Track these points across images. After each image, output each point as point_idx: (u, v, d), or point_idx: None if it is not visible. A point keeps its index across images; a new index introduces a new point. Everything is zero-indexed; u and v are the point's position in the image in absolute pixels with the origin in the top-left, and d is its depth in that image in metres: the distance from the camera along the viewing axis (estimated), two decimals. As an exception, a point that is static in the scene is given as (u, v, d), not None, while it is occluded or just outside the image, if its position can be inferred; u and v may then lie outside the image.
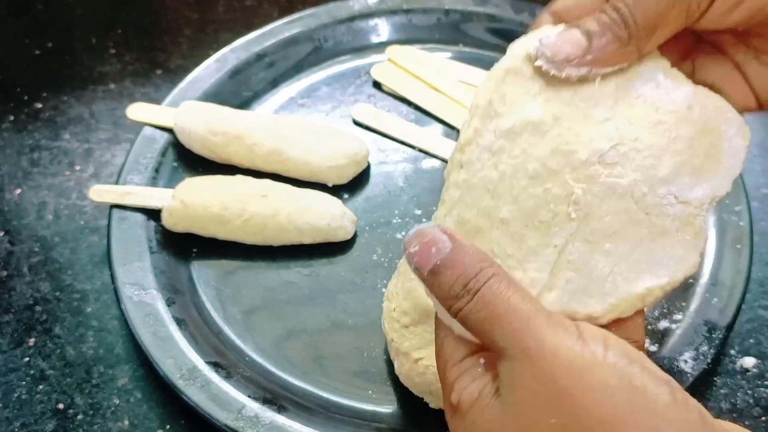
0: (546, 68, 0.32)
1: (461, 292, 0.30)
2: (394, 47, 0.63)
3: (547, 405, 0.27)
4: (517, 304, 0.29)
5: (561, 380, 0.27)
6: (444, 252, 0.30)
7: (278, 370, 0.46)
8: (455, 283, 0.30)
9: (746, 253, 0.47)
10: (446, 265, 0.30)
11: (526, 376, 0.28)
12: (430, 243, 0.31)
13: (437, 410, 0.43)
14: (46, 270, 0.53)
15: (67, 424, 0.45)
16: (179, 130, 0.55)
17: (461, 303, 0.30)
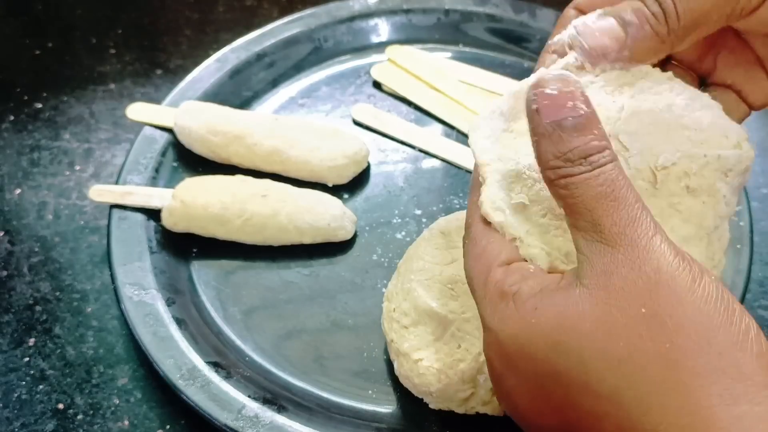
0: (580, 61, 0.32)
1: (580, 160, 0.28)
2: (394, 47, 0.63)
3: (642, 294, 0.26)
4: (632, 198, 0.27)
5: (665, 274, 0.26)
6: (579, 113, 0.28)
7: (278, 370, 0.46)
8: (578, 149, 0.28)
9: (746, 253, 0.47)
10: (577, 127, 0.28)
11: (627, 264, 0.27)
12: (570, 96, 0.28)
13: (437, 410, 0.43)
14: (46, 270, 0.53)
15: (67, 424, 0.45)
16: (179, 130, 0.55)
17: (576, 170, 0.28)
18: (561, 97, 0.28)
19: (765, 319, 0.49)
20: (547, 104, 0.28)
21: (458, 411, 0.42)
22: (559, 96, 0.28)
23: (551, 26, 0.63)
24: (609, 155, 0.28)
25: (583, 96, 0.28)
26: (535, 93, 0.28)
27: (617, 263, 0.27)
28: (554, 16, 0.64)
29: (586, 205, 0.28)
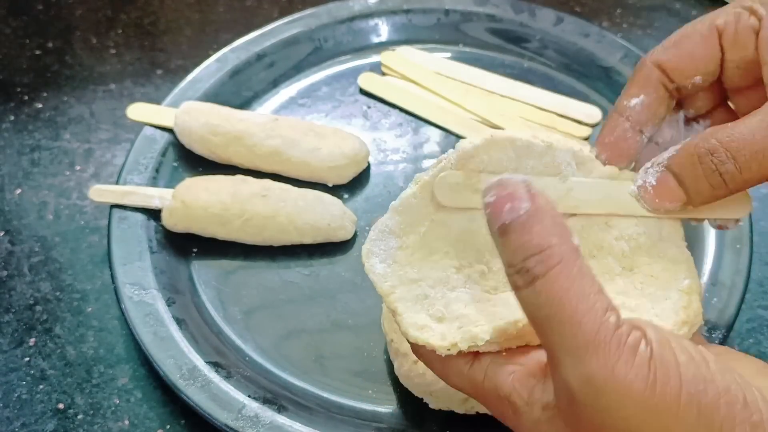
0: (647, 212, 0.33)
1: (522, 267, 0.26)
2: (387, 53, 0.63)
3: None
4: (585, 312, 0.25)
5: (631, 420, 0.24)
6: (518, 212, 0.26)
7: (278, 370, 0.46)
8: (518, 251, 0.26)
9: (746, 253, 0.47)
10: (515, 229, 0.26)
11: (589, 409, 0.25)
12: (507, 198, 0.26)
13: (437, 410, 0.43)
14: (47, 270, 0.53)
15: (67, 424, 0.45)
16: (179, 130, 0.55)
17: (521, 281, 0.26)
18: (498, 203, 0.27)
19: (765, 319, 0.49)
20: (489, 212, 0.27)
21: (458, 411, 0.42)
22: (496, 201, 0.27)
23: (551, 26, 0.64)
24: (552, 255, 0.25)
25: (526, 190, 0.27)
26: (483, 203, 0.28)
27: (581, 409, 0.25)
28: (554, 16, 0.64)
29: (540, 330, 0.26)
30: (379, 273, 0.33)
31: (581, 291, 0.25)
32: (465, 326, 0.32)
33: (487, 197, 0.27)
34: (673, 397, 0.24)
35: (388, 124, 0.60)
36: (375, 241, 0.34)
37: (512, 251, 0.26)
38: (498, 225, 0.27)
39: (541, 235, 0.26)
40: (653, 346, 0.25)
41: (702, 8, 0.70)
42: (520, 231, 0.26)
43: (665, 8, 0.71)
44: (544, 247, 0.25)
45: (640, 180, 0.33)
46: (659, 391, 0.24)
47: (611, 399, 0.24)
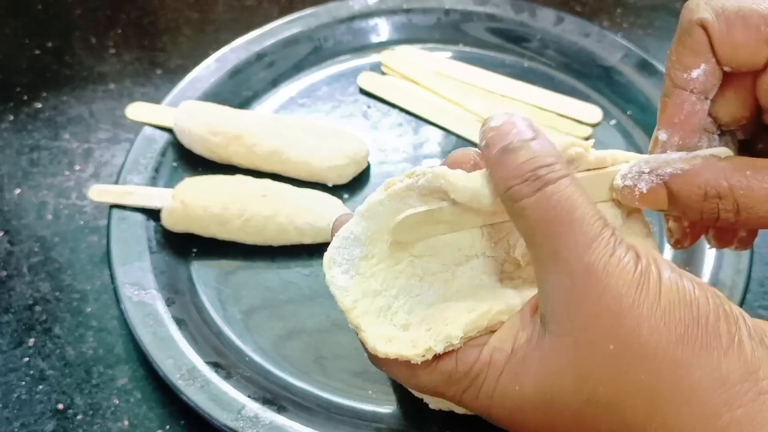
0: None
1: (529, 175, 0.27)
2: (387, 52, 0.63)
3: (608, 330, 0.26)
4: (591, 214, 0.27)
5: (626, 299, 0.26)
6: (525, 137, 0.28)
7: (278, 370, 0.46)
8: (524, 164, 0.27)
9: (747, 253, 0.47)
10: (522, 147, 0.28)
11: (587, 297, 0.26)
12: (513, 124, 0.28)
13: (437, 411, 0.43)
14: (46, 270, 0.53)
15: (66, 424, 0.45)
16: (179, 130, 0.55)
17: (527, 189, 0.27)
18: (505, 127, 0.28)
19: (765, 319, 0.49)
20: (492, 135, 0.29)
21: (458, 411, 0.42)
22: (502, 126, 0.28)
23: (551, 26, 0.64)
24: (560, 169, 0.27)
25: (530, 124, 0.29)
26: (483, 131, 0.29)
27: (578, 298, 0.27)
28: (554, 15, 0.64)
29: (543, 232, 0.27)
30: (341, 286, 0.32)
31: (586, 199, 0.27)
32: (434, 327, 0.31)
33: (493, 122, 0.29)
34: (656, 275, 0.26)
35: (388, 124, 0.60)
36: (338, 249, 0.32)
37: (518, 165, 0.27)
38: (503, 144, 0.28)
39: (550, 153, 0.28)
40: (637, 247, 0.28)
41: (702, 8, 0.70)
42: (528, 149, 0.28)
43: (666, 8, 0.71)
44: (554, 162, 0.27)
45: (629, 180, 0.31)
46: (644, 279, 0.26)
47: (610, 279, 0.26)
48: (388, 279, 0.32)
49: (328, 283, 0.32)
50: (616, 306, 0.26)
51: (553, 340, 0.27)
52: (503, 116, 0.29)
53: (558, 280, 0.27)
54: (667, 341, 0.26)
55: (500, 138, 0.28)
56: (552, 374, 0.28)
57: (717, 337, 0.26)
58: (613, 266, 0.26)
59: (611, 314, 0.26)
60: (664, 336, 0.26)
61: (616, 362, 0.26)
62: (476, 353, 0.29)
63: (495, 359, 0.29)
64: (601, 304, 0.26)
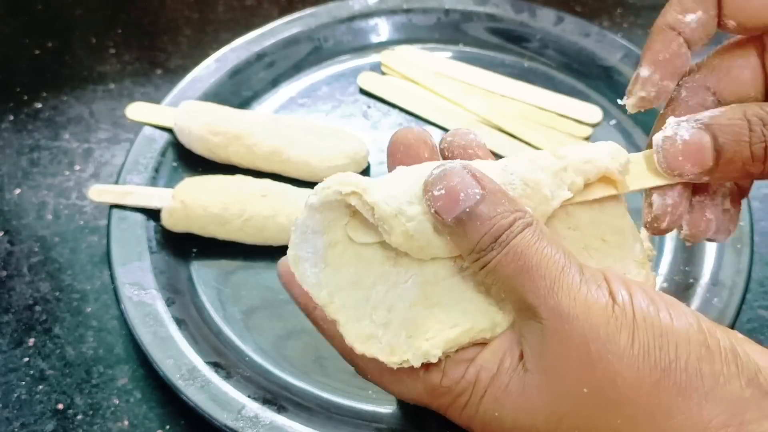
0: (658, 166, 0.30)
1: (491, 245, 0.27)
2: (387, 52, 0.63)
3: (580, 373, 0.26)
4: (551, 256, 0.26)
5: (594, 344, 0.25)
6: (473, 199, 0.27)
7: (278, 370, 0.46)
8: (486, 236, 0.27)
9: (747, 253, 0.47)
10: (476, 216, 0.27)
11: (556, 340, 0.26)
12: (458, 188, 0.27)
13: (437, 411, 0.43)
14: (46, 270, 0.53)
15: (66, 424, 0.45)
16: (179, 130, 0.55)
17: (490, 256, 0.27)
18: (450, 195, 0.27)
19: (765, 319, 0.49)
20: (441, 205, 0.27)
21: (458, 411, 0.42)
22: (447, 194, 0.27)
23: (551, 26, 0.63)
24: (518, 226, 0.27)
25: (474, 179, 0.27)
26: (427, 198, 0.28)
27: (548, 340, 0.26)
28: (554, 15, 0.64)
29: (509, 286, 0.27)
30: (314, 282, 0.31)
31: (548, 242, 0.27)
32: (414, 335, 0.30)
33: (435, 191, 0.27)
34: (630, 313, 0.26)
35: (388, 124, 0.60)
36: (300, 245, 0.31)
37: (477, 238, 0.27)
38: (455, 215, 0.27)
39: (504, 214, 0.27)
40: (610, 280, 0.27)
41: (702, 8, 0.70)
42: (481, 217, 0.27)
43: (665, 8, 0.71)
44: (511, 222, 0.27)
45: (669, 131, 0.30)
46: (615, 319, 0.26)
47: (577, 322, 0.26)
48: (361, 267, 0.31)
49: (300, 282, 0.31)
50: (585, 349, 0.25)
51: (531, 377, 0.27)
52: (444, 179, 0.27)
53: (529, 324, 0.27)
54: (643, 387, 0.25)
55: (450, 206, 0.27)
56: (528, 410, 0.27)
57: (698, 378, 0.25)
58: (580, 306, 0.26)
59: (582, 358, 0.26)
60: (639, 382, 0.25)
61: (591, 406, 0.26)
62: (462, 370, 0.29)
63: (480, 378, 0.29)
64: (571, 348, 0.26)
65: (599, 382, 0.25)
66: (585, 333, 0.25)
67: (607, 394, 0.25)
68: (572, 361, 0.26)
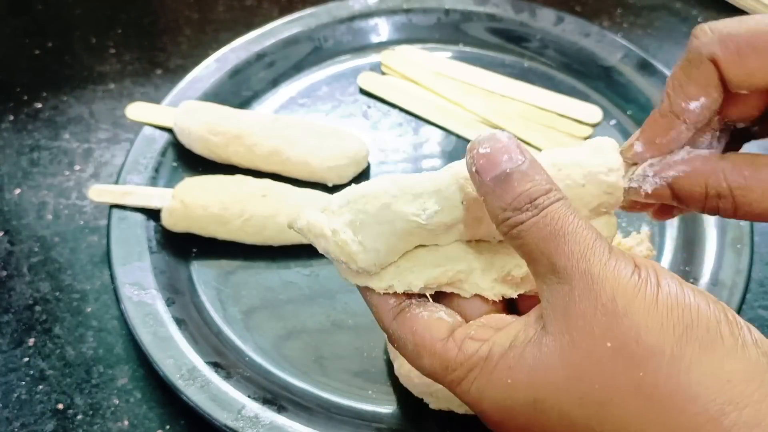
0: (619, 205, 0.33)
1: (526, 206, 0.28)
2: (387, 52, 0.63)
3: (605, 329, 0.26)
4: (584, 228, 0.28)
5: (621, 300, 0.26)
6: (516, 162, 0.28)
7: (278, 370, 0.46)
8: (522, 195, 0.28)
9: (746, 253, 0.47)
10: (517, 176, 0.28)
11: (584, 299, 0.27)
12: (504, 150, 0.28)
13: (437, 411, 0.43)
14: (46, 270, 0.53)
15: (66, 424, 0.45)
16: (179, 130, 0.55)
17: (524, 216, 0.28)
18: (495, 153, 0.28)
19: (765, 319, 0.49)
20: (483, 162, 0.29)
21: (458, 411, 0.42)
22: (493, 152, 0.28)
23: (551, 26, 0.64)
24: (555, 195, 0.28)
25: (519, 147, 0.29)
26: (471, 155, 0.29)
27: (575, 300, 0.27)
28: (554, 15, 0.64)
29: (540, 249, 0.28)
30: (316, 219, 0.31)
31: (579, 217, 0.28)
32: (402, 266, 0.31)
33: (481, 148, 0.29)
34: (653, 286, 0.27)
35: (388, 124, 0.60)
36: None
37: (515, 196, 0.28)
38: (495, 174, 0.28)
39: (544, 179, 0.28)
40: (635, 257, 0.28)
41: (702, 8, 0.70)
42: (523, 178, 0.28)
43: (666, 8, 0.71)
44: (548, 189, 0.28)
45: (635, 183, 0.32)
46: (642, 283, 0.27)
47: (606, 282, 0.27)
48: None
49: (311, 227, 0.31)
50: (612, 306, 0.26)
51: (551, 339, 0.27)
52: (492, 140, 0.29)
53: (557, 288, 0.28)
54: (666, 340, 0.26)
55: (492, 165, 0.28)
56: (545, 370, 0.27)
57: (719, 338, 0.26)
58: (609, 271, 0.27)
59: (608, 313, 0.26)
60: (663, 335, 0.26)
61: (613, 360, 0.26)
62: (476, 346, 0.30)
63: (492, 353, 0.29)
64: (597, 304, 0.26)
65: (624, 336, 0.26)
66: (613, 292, 0.26)
67: (631, 348, 0.26)
68: (598, 318, 0.26)
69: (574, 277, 0.27)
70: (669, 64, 0.62)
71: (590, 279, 0.27)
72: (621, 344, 0.26)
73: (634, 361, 0.26)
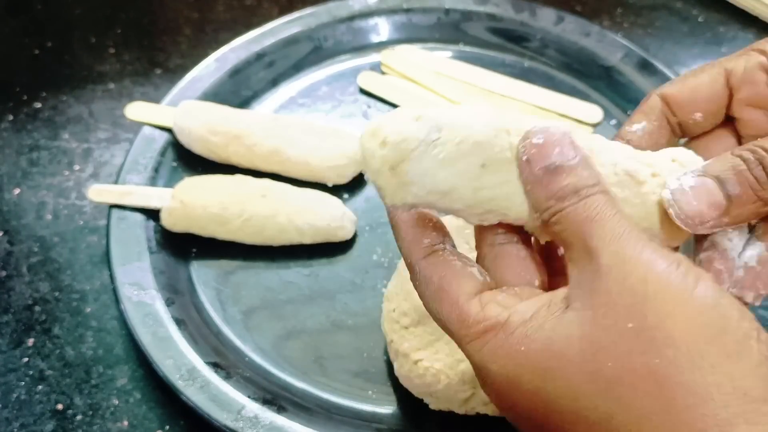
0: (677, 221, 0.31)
1: (570, 196, 0.28)
2: (387, 51, 0.63)
3: (629, 308, 0.26)
4: (621, 219, 0.28)
5: (653, 285, 0.26)
6: (566, 157, 0.29)
7: (278, 371, 0.46)
8: (567, 186, 0.28)
9: (747, 253, 0.47)
10: (567, 170, 0.29)
11: (612, 276, 0.26)
12: (556, 143, 0.29)
13: (437, 411, 0.43)
14: (45, 270, 0.53)
15: (66, 424, 0.45)
16: (178, 130, 0.55)
17: (566, 203, 0.28)
18: (548, 145, 0.29)
19: (765, 319, 0.49)
20: (535, 153, 0.29)
21: (458, 411, 0.42)
22: (545, 144, 0.29)
23: (551, 25, 0.63)
24: (599, 188, 0.29)
25: (572, 143, 0.29)
26: (524, 145, 0.29)
27: (603, 279, 0.27)
28: (555, 15, 0.64)
29: (575, 232, 0.28)
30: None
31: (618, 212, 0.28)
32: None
33: (535, 138, 0.29)
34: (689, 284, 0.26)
35: (388, 123, 0.60)
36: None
37: (561, 186, 0.29)
38: (545, 163, 0.29)
39: (591, 177, 0.29)
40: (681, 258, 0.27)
41: (703, 8, 0.70)
42: (572, 172, 0.29)
43: (666, 7, 0.71)
44: (594, 183, 0.29)
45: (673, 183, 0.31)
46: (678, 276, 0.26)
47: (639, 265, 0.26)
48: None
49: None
50: (641, 288, 0.26)
51: (573, 314, 0.27)
52: (546, 132, 0.29)
53: (587, 267, 0.28)
54: (691, 335, 0.25)
55: (543, 156, 0.29)
56: (561, 341, 0.27)
57: (746, 352, 0.25)
58: (644, 256, 0.27)
59: (635, 294, 0.26)
60: (689, 330, 0.25)
61: (632, 341, 0.26)
62: (498, 311, 0.29)
63: (511, 320, 0.29)
64: (625, 284, 0.26)
65: (648, 319, 0.26)
66: (645, 275, 0.26)
67: (653, 333, 0.25)
68: (624, 297, 0.26)
69: (604, 255, 0.27)
70: (669, 63, 0.62)
71: (622, 259, 0.27)
72: (642, 327, 0.25)
73: (653, 346, 0.25)
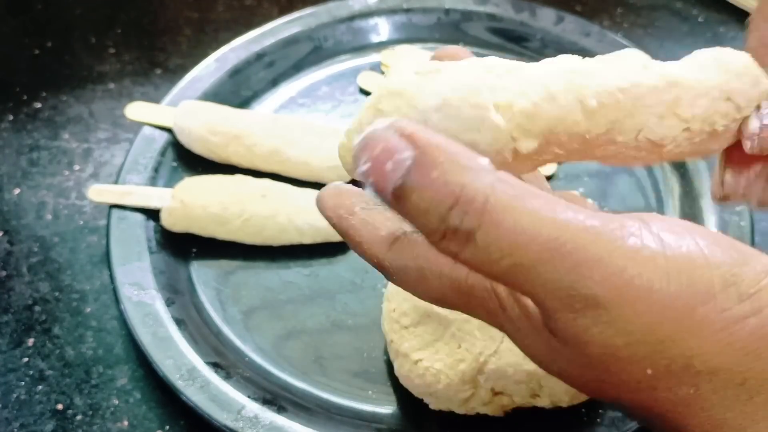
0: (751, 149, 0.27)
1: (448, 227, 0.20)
2: (387, 52, 0.63)
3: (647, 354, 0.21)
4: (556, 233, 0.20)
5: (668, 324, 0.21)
6: (404, 165, 0.20)
7: (278, 371, 0.46)
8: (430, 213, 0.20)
9: (747, 253, 0.47)
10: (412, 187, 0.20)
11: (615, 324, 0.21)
12: (384, 155, 0.21)
13: (437, 411, 0.43)
14: (45, 270, 0.53)
15: (66, 424, 0.45)
16: (178, 130, 0.55)
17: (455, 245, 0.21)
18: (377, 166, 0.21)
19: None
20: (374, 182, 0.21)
21: (458, 411, 0.42)
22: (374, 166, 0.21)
23: (551, 25, 0.63)
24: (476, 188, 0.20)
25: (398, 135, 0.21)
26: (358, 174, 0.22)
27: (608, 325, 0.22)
28: (555, 15, 0.64)
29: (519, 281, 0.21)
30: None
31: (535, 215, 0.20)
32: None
33: (361, 167, 0.21)
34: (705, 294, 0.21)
35: (388, 123, 0.60)
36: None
37: (423, 214, 0.21)
38: (390, 194, 0.21)
39: (446, 179, 0.20)
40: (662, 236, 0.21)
41: (703, 8, 0.70)
42: (419, 187, 0.20)
43: (666, 7, 0.71)
44: (458, 193, 0.20)
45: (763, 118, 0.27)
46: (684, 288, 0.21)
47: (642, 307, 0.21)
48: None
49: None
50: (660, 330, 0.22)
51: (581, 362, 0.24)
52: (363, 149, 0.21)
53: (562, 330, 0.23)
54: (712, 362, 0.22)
55: (383, 185, 0.21)
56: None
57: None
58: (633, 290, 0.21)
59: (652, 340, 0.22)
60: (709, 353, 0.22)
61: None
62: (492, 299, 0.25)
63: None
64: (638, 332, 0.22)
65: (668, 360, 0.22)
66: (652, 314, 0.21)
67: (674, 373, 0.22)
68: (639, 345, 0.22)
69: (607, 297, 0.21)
70: (669, 63, 0.62)
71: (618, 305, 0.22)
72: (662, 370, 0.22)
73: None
